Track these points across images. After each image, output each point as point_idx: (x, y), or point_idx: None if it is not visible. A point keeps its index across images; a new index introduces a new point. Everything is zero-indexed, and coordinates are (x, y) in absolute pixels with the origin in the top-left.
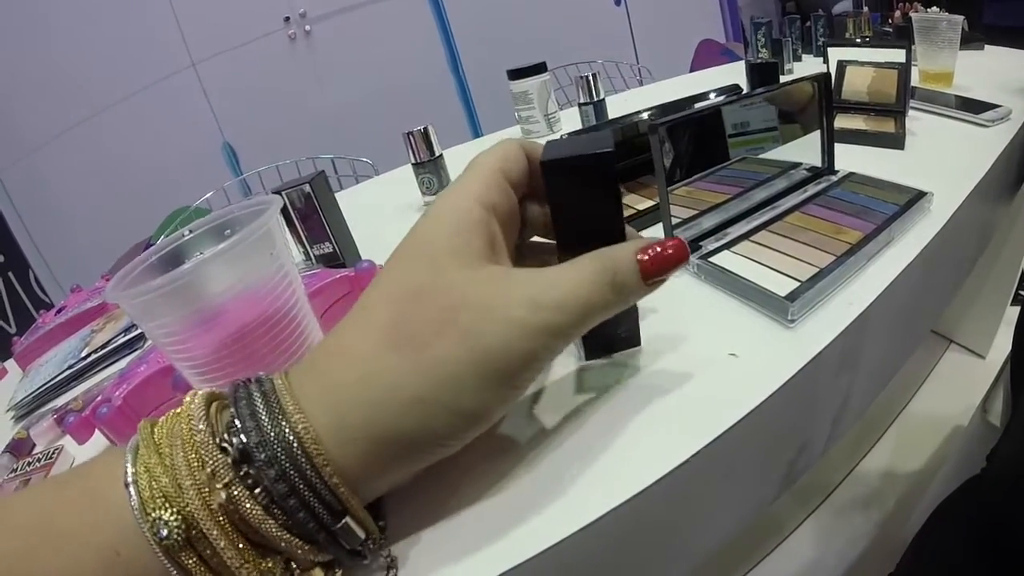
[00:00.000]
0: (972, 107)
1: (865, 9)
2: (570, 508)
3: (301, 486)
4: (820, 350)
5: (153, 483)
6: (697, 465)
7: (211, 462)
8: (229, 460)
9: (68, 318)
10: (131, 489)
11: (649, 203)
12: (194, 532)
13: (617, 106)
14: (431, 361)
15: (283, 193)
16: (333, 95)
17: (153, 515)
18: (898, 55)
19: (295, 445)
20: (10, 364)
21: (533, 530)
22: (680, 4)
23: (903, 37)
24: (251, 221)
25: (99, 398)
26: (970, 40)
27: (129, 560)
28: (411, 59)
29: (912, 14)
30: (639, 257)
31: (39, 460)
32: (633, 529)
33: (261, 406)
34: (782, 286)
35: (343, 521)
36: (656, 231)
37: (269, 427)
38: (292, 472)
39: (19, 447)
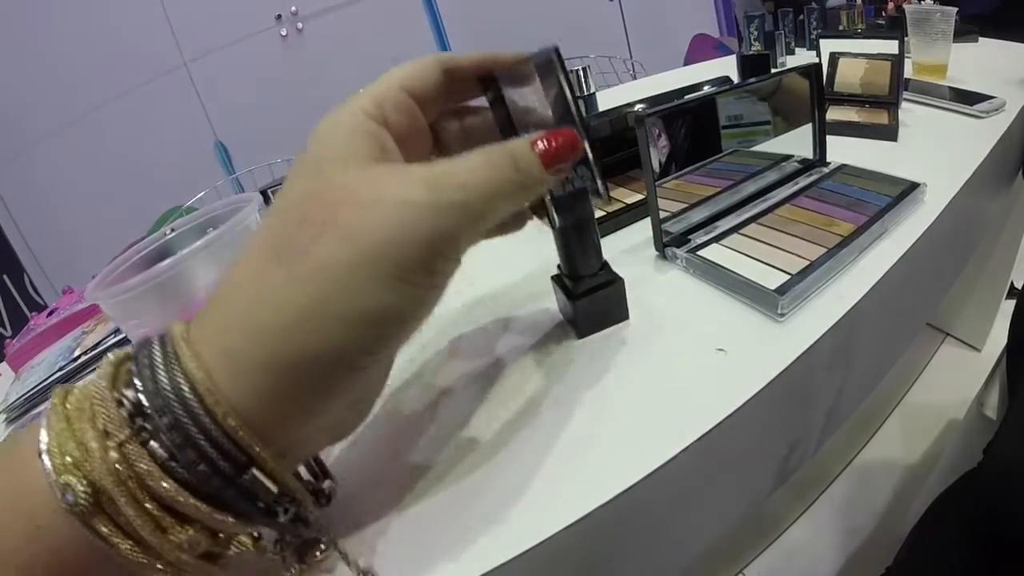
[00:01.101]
0: (966, 98)
1: (859, 2)
2: (556, 506)
3: (196, 433)
4: (810, 345)
5: (63, 448)
6: (684, 462)
7: (105, 418)
8: (124, 414)
9: (60, 320)
10: (44, 457)
11: (639, 197)
12: (104, 497)
13: (609, 100)
14: (314, 267)
15: (269, 191)
16: (326, 93)
17: (62, 480)
18: (891, 47)
19: (185, 387)
20: (3, 367)
21: (518, 528)
22: None
23: (896, 29)
24: (232, 218)
25: None
26: (963, 32)
27: (49, 530)
28: (404, 56)
29: (905, 6)
30: (535, 144)
31: None
32: (620, 527)
33: (158, 354)
34: (772, 279)
35: (249, 472)
36: (644, 225)
37: (163, 373)
38: (184, 418)
39: None
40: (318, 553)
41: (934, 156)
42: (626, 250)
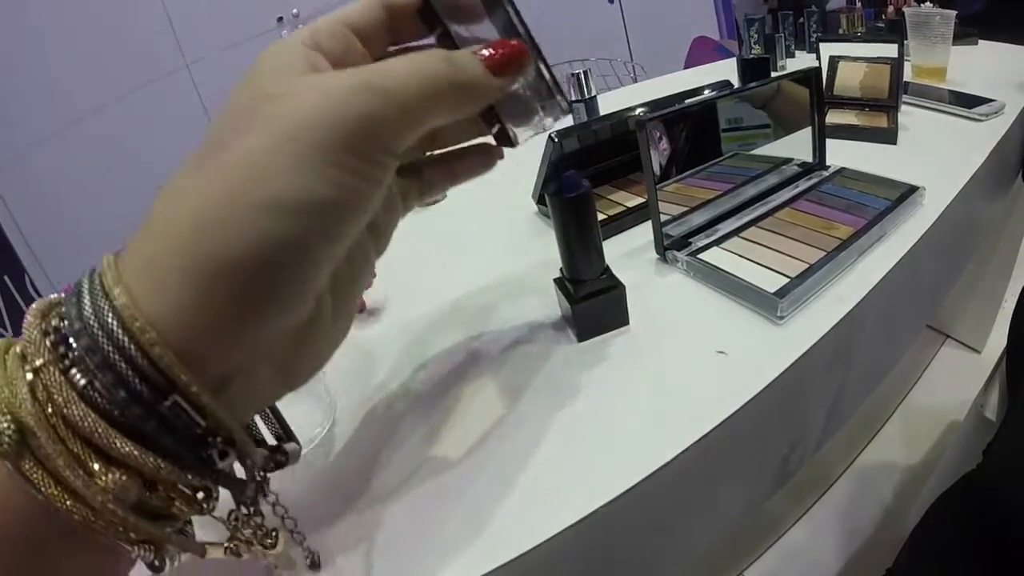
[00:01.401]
0: (965, 101)
1: (858, 4)
2: (556, 506)
3: (112, 352)
4: (810, 347)
5: None
6: (684, 463)
7: (28, 347)
8: (47, 343)
9: None
10: None
11: (639, 200)
12: (30, 437)
13: (610, 103)
14: (232, 159)
15: None
16: None
17: None
18: (891, 50)
19: (104, 306)
20: None
21: (518, 529)
22: (674, 1)
23: (896, 32)
24: None
25: None
26: (963, 35)
27: None
28: None
29: (905, 9)
30: (478, 52)
31: None
32: (620, 527)
33: (85, 282)
34: (771, 282)
35: (171, 398)
36: (645, 229)
37: (87, 297)
38: (102, 337)
39: None
40: (276, 541)
41: (933, 159)
42: (627, 253)
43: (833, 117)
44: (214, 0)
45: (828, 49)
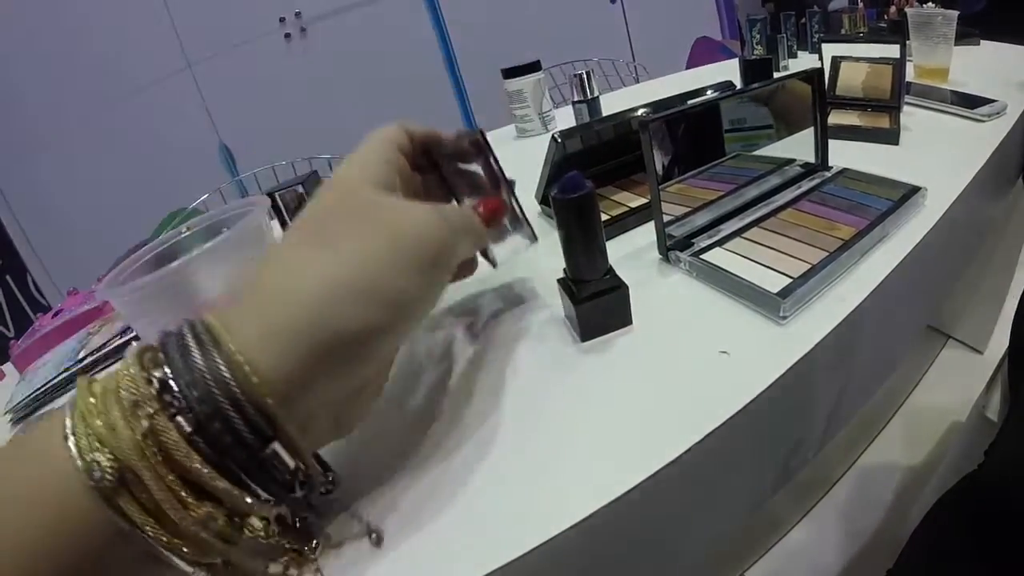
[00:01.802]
0: (967, 102)
1: (860, 5)
2: (558, 507)
3: (225, 404)
4: (812, 347)
5: (88, 429)
6: (686, 463)
7: (134, 393)
8: (153, 390)
9: (65, 321)
10: (69, 439)
11: (642, 200)
12: (129, 475)
13: (612, 104)
14: (351, 250)
15: (277, 194)
16: (329, 95)
17: (88, 458)
18: (893, 51)
19: (220, 361)
20: (8, 367)
21: (519, 529)
22: (676, 1)
23: (898, 32)
24: (242, 221)
25: None
26: (965, 35)
27: (77, 515)
28: (407, 58)
29: (907, 9)
30: (475, 208)
31: None
32: (622, 527)
33: (189, 335)
34: (774, 283)
35: (271, 447)
36: (648, 229)
37: (196, 351)
38: (215, 389)
39: None
40: (315, 548)
41: (935, 160)
42: (630, 253)
43: (835, 118)
44: (216, 1)
45: (830, 49)
